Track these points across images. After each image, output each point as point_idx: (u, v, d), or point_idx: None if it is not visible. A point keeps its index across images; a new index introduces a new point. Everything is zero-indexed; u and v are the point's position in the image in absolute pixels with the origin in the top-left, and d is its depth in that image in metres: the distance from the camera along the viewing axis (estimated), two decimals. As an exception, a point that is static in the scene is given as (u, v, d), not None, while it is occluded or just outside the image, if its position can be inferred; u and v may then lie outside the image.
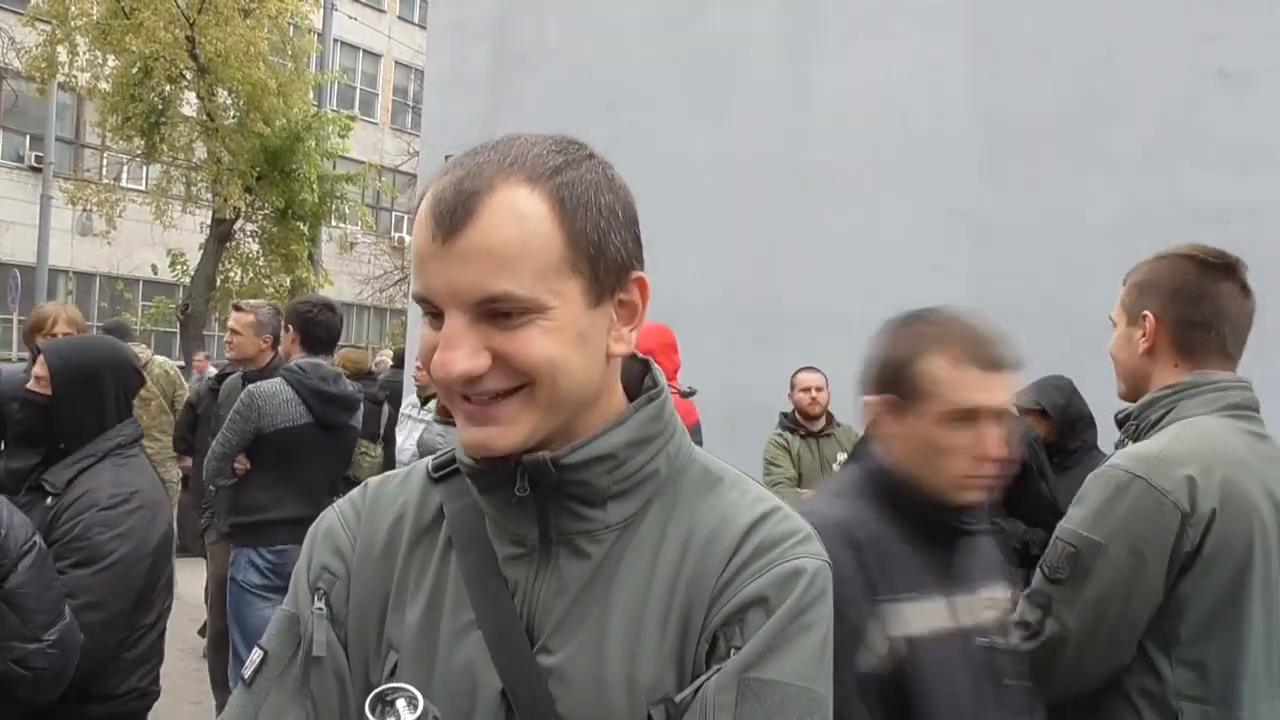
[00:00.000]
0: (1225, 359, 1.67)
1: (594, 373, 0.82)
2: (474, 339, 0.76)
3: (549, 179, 0.77)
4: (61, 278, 18.94)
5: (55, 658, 1.89)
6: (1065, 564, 1.57)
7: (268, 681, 0.89)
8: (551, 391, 0.78)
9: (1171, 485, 1.51)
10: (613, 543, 0.84)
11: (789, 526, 0.83)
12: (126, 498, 2.16)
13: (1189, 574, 1.52)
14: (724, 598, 0.80)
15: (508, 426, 0.79)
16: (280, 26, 13.97)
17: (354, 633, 0.90)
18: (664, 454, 0.87)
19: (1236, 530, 1.52)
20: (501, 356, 0.76)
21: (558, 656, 0.82)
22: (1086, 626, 1.53)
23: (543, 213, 0.76)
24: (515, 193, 0.75)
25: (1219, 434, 1.59)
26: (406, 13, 26.46)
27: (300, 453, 3.58)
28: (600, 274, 0.79)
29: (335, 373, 3.77)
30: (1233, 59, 4.19)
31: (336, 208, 14.94)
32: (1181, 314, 1.65)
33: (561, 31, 6.46)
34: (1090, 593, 1.53)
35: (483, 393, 0.78)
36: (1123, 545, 1.52)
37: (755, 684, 0.77)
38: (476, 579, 0.85)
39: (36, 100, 16.09)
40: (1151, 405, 1.67)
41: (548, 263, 0.76)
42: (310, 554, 0.93)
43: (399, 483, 0.95)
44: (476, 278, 0.75)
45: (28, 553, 1.88)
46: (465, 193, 0.75)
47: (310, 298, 4.05)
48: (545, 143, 0.80)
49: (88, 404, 2.24)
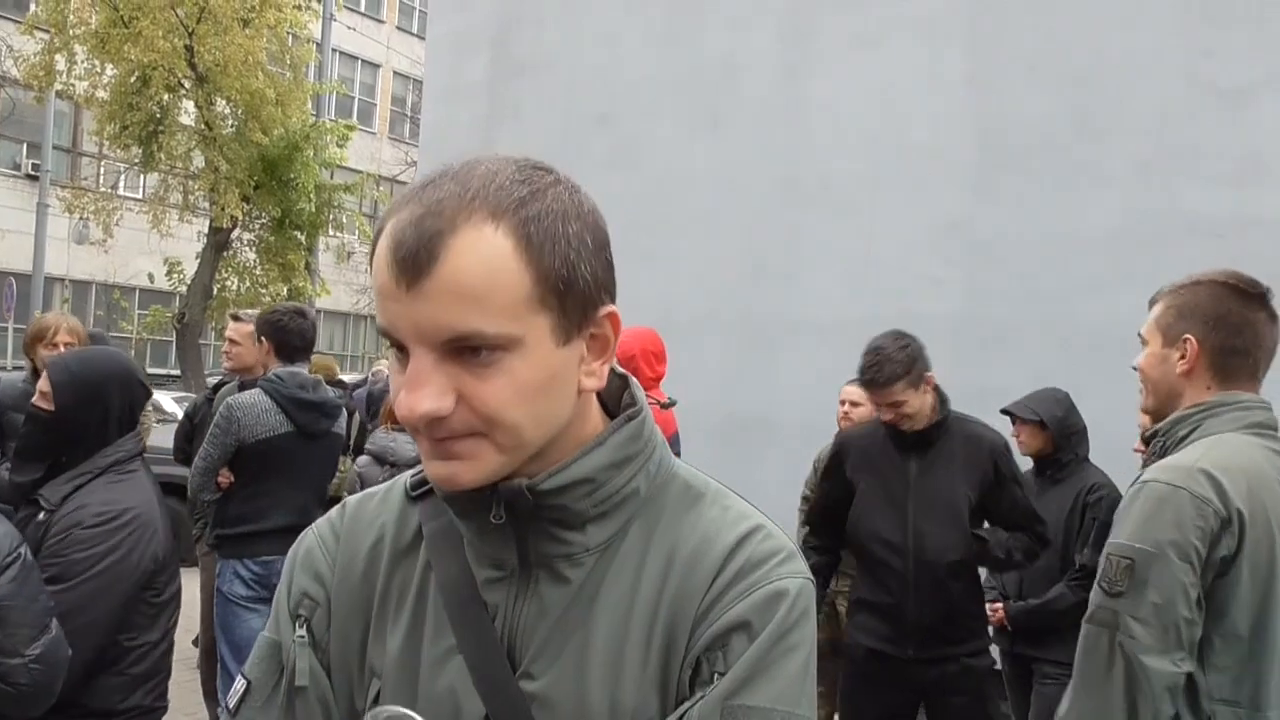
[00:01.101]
0: (1252, 380, 1.77)
1: (562, 409, 0.80)
2: (440, 379, 0.73)
3: (513, 213, 0.73)
4: (58, 286, 18.92)
5: (39, 673, 1.85)
6: (1123, 577, 1.63)
7: (252, 711, 0.88)
8: (515, 437, 0.76)
9: (1210, 493, 1.60)
10: (593, 565, 0.83)
11: (771, 546, 0.82)
12: (114, 516, 2.12)
13: (1225, 579, 1.60)
14: (707, 621, 0.80)
15: (471, 462, 0.77)
16: (279, 36, 14.00)
17: (336, 657, 0.89)
18: (644, 472, 0.85)
19: (1262, 538, 1.61)
20: (466, 398, 0.74)
21: (540, 682, 0.81)
22: (1154, 633, 1.58)
23: (508, 250, 0.73)
24: (479, 231, 0.72)
25: (1244, 449, 1.68)
26: (405, 23, 26.56)
27: (282, 462, 3.55)
28: (569, 308, 0.76)
29: (314, 380, 3.73)
30: (1227, 74, 4.22)
31: (334, 217, 14.95)
32: (1223, 341, 1.75)
33: (559, 43, 6.48)
34: (1152, 600, 1.59)
35: (444, 434, 0.75)
36: (1175, 551, 1.59)
37: (740, 711, 0.77)
38: (456, 603, 0.84)
39: (34, 108, 16.13)
40: (1179, 423, 1.77)
41: (515, 299, 0.73)
42: (290, 579, 0.91)
43: (378, 501, 0.93)
44: (442, 318, 0.72)
45: (11, 564, 1.85)
46: (427, 233, 0.71)
47: (280, 306, 3.97)
48: (508, 170, 0.76)
49: (90, 418, 2.20)
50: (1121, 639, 1.60)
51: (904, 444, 2.92)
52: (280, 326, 3.69)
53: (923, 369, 2.84)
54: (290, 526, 3.57)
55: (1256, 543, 1.60)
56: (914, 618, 2.82)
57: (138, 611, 2.18)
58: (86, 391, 2.21)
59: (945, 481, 2.86)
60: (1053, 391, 3.40)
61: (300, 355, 3.71)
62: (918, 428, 2.89)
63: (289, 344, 3.68)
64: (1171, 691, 1.58)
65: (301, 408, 3.58)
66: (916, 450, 2.90)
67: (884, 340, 2.84)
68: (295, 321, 3.71)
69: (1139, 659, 1.58)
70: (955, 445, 2.89)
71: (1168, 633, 1.57)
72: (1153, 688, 1.56)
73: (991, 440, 2.91)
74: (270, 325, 3.73)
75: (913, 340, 2.86)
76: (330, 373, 6.35)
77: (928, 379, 2.85)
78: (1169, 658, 1.57)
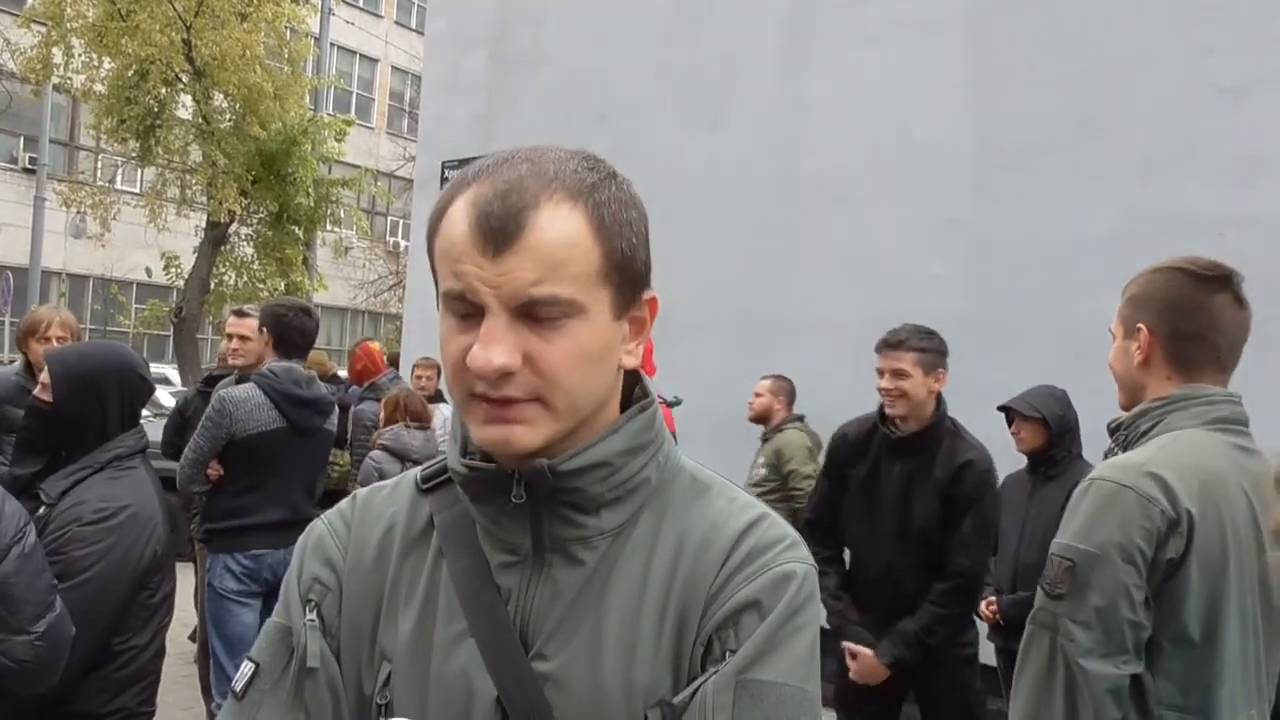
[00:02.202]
0: (1219, 371, 1.69)
1: (609, 382, 0.86)
2: (512, 338, 0.79)
3: (589, 196, 0.81)
4: (54, 280, 18.89)
5: (43, 650, 1.87)
6: (1064, 579, 1.58)
7: (260, 694, 0.89)
8: (569, 400, 0.81)
9: (1158, 493, 1.54)
10: (605, 549, 0.86)
11: (778, 533, 0.86)
12: (112, 513, 2.11)
13: (1173, 581, 1.55)
14: (718, 602, 0.83)
15: (528, 426, 0.81)
16: (277, 31, 13.94)
17: (346, 643, 0.90)
18: (654, 462, 0.89)
19: (1213, 540, 1.55)
20: (531, 358, 0.79)
21: (553, 663, 0.83)
22: (1096, 637, 1.54)
23: (584, 227, 0.80)
24: (560, 209, 0.79)
25: (1203, 446, 1.62)
26: (404, 18, 26.50)
27: (274, 457, 3.54)
28: (625, 286, 0.83)
29: (308, 376, 3.72)
30: (1226, 72, 4.22)
31: (332, 212, 14.90)
32: (1175, 327, 1.67)
33: (558, 39, 6.47)
34: (1093, 602, 1.54)
35: (504, 397, 0.80)
36: (1119, 553, 1.54)
37: (752, 685, 0.79)
38: (468, 587, 0.86)
39: (31, 102, 16.09)
40: (1141, 417, 1.70)
41: (587, 270, 0.80)
42: (300, 565, 0.93)
43: (388, 493, 0.96)
44: (524, 283, 0.78)
45: (18, 541, 1.86)
46: (514, 208, 0.78)
47: (287, 301, 3.97)
48: (575, 159, 0.83)
49: (87, 412, 2.19)
50: (1062, 642, 1.56)
51: (892, 445, 2.94)
52: (284, 322, 3.67)
53: (938, 361, 2.90)
54: (280, 522, 3.57)
55: (1207, 545, 1.54)
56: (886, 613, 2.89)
57: (131, 613, 2.17)
58: (83, 384, 2.20)
59: (921, 501, 2.88)
60: (1050, 389, 3.41)
61: (298, 352, 3.69)
62: (910, 429, 2.90)
63: (289, 340, 3.67)
64: (1115, 694, 1.53)
65: (295, 404, 3.57)
66: (902, 455, 2.92)
67: (912, 325, 2.95)
68: (299, 319, 3.70)
69: (1077, 663, 1.53)
70: (939, 458, 2.88)
71: (1110, 636, 1.53)
72: (1093, 691, 1.52)
73: (978, 465, 2.88)
74: (274, 319, 3.71)
75: (939, 337, 2.94)
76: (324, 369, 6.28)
77: (939, 374, 2.90)
78: (1111, 661, 1.53)
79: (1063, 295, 4.40)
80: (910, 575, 2.88)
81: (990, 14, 4.88)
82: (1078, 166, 4.52)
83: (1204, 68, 4.26)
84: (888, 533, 2.91)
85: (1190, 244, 3.68)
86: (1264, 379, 1.79)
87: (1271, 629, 1.65)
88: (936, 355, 2.90)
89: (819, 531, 3.07)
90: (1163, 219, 4.20)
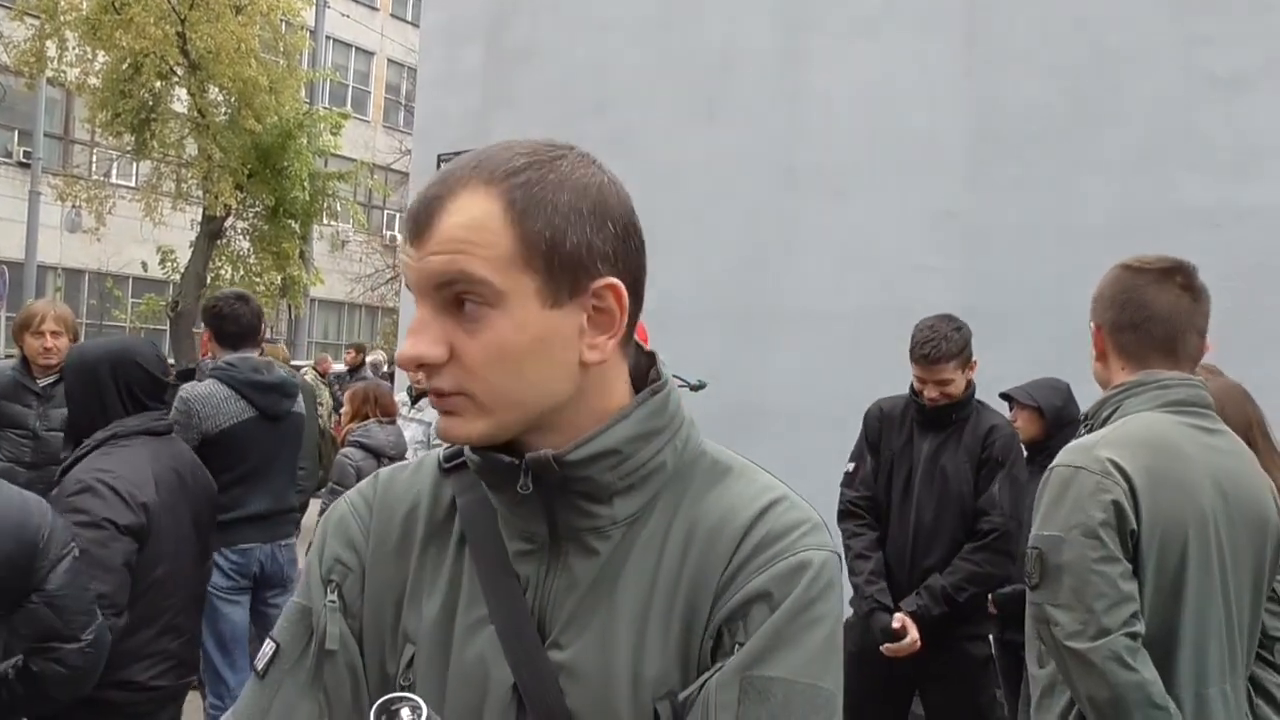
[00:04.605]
0: (1167, 356, 1.75)
1: (557, 377, 0.82)
2: (436, 329, 0.80)
3: (504, 180, 0.80)
4: (50, 274, 18.83)
5: (91, 656, 1.97)
6: (1035, 568, 1.62)
7: (281, 674, 0.89)
8: (495, 395, 0.81)
9: (1108, 468, 1.60)
10: (620, 539, 0.84)
11: (795, 517, 0.83)
12: (89, 485, 2.19)
13: (1136, 553, 1.59)
14: (728, 593, 0.80)
15: (460, 419, 0.82)
16: (272, 23, 13.89)
17: (369, 625, 0.90)
18: (670, 447, 0.86)
19: (1171, 511, 1.59)
20: (456, 353, 0.80)
21: (568, 652, 0.83)
22: (1078, 616, 1.55)
23: (494, 211, 0.79)
24: (472, 194, 0.80)
25: (1155, 426, 1.67)
26: (399, 10, 26.41)
27: (250, 448, 3.49)
28: (556, 271, 0.80)
29: (266, 362, 3.66)
30: (1223, 62, 4.21)
31: (328, 206, 14.87)
32: (1115, 319, 1.77)
33: (555, 31, 6.44)
34: (1068, 584, 1.57)
35: (435, 389, 0.82)
36: (1078, 532, 1.58)
37: (758, 682, 0.76)
38: (489, 575, 0.86)
39: (25, 95, 16.00)
40: (1103, 405, 1.78)
41: (499, 254, 0.79)
42: (322, 546, 0.93)
43: (411, 473, 0.96)
44: (434, 266, 0.79)
45: (65, 556, 1.94)
46: (429, 198, 0.81)
47: (223, 292, 3.90)
48: (520, 146, 0.83)
49: (88, 399, 2.35)
50: (1052, 629, 1.58)
51: (923, 420, 2.98)
52: (216, 313, 3.60)
53: (969, 351, 2.95)
54: (267, 512, 3.55)
55: (1160, 517, 1.58)
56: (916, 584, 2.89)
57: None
58: (83, 374, 2.36)
59: (952, 465, 2.93)
60: (1054, 381, 3.43)
61: (242, 342, 3.60)
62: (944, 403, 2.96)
63: (224, 330, 3.58)
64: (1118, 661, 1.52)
65: (260, 390, 3.51)
66: (934, 429, 2.96)
67: (936, 320, 2.94)
68: (232, 306, 3.61)
69: (1066, 645, 1.56)
70: (968, 429, 2.96)
71: (1092, 611, 1.54)
72: (1095, 665, 1.53)
73: (1003, 428, 3.01)
74: (207, 312, 3.67)
75: (964, 324, 2.96)
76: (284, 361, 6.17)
77: (973, 363, 2.96)
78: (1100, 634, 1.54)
79: (1060, 286, 4.40)
80: (939, 546, 2.89)
81: (987, 5, 4.86)
82: (1074, 157, 4.51)
83: (1201, 58, 4.25)
84: (921, 502, 2.93)
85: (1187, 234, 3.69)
86: (1263, 370, 1.79)
87: (1257, 601, 1.68)
88: (968, 346, 2.94)
89: (861, 510, 3.05)
90: (1160, 209, 4.19)
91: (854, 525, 3.02)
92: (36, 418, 3.67)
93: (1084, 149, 4.49)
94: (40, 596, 1.89)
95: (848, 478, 3.13)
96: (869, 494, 3.05)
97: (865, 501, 3.04)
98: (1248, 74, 4.15)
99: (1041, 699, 1.70)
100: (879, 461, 3.04)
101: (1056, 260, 4.46)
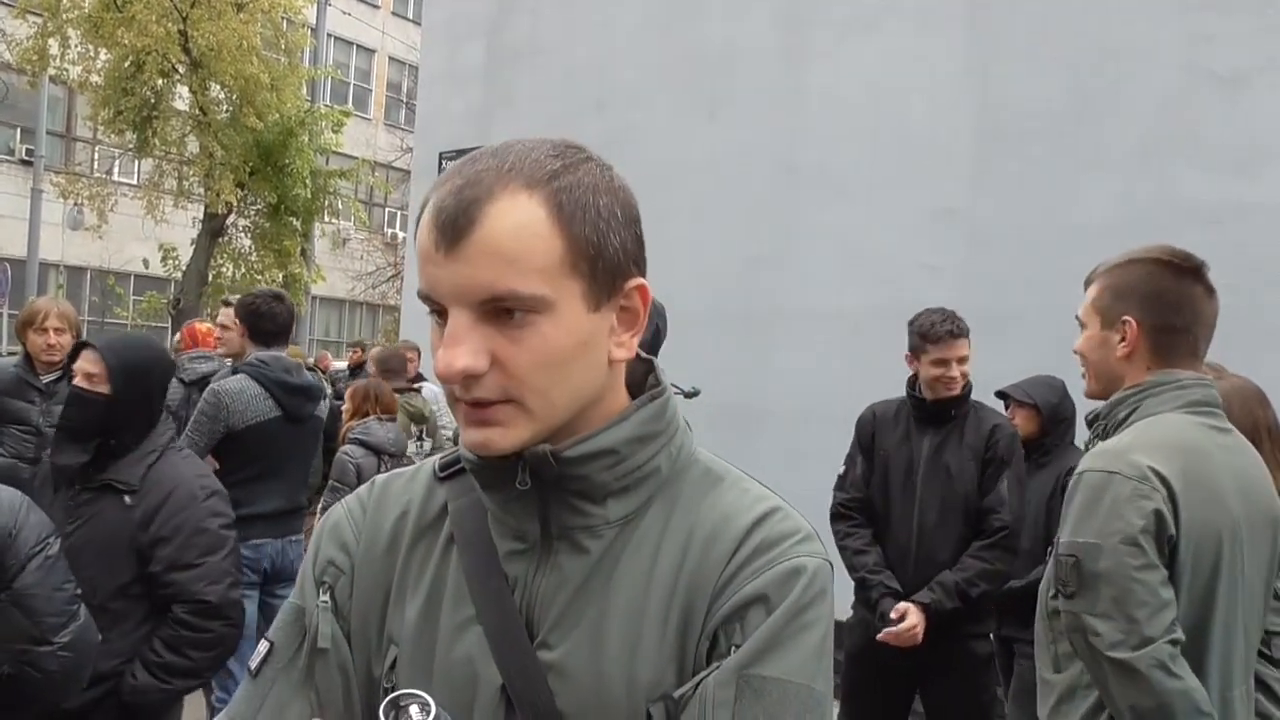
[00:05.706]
0: (1193, 359, 1.73)
1: (593, 377, 0.83)
2: (476, 339, 0.77)
3: (546, 184, 0.78)
4: (52, 272, 18.84)
5: (67, 660, 1.88)
6: (1072, 576, 1.58)
7: (274, 672, 0.90)
8: (544, 400, 0.79)
9: (1144, 475, 1.56)
10: (612, 539, 0.85)
11: (789, 526, 0.84)
12: (212, 490, 2.31)
13: (1174, 559, 1.56)
14: (725, 596, 0.81)
15: (504, 429, 0.80)
16: (274, 21, 13.89)
17: (357, 626, 0.91)
18: (665, 452, 0.87)
19: (1205, 517, 1.57)
20: (500, 361, 0.77)
21: (557, 652, 0.83)
22: (1120, 625, 1.53)
23: (541, 217, 0.77)
24: (515, 199, 0.77)
25: (1180, 428, 1.65)
26: (401, 8, 26.39)
27: (272, 447, 3.52)
28: (599, 275, 0.80)
29: (295, 364, 3.72)
30: (1225, 60, 4.21)
31: (330, 203, 14.87)
32: (1162, 320, 1.70)
33: (556, 29, 6.45)
34: (1107, 593, 1.54)
35: (475, 400, 0.79)
36: (1117, 539, 1.54)
37: (755, 681, 0.78)
38: (477, 575, 0.86)
39: (27, 93, 16.01)
40: (1119, 405, 1.73)
41: (548, 264, 0.77)
42: (317, 548, 0.95)
43: (406, 480, 0.96)
44: (480, 279, 0.76)
45: (38, 553, 1.88)
46: (466, 201, 0.76)
47: (259, 290, 3.96)
48: (543, 147, 0.81)
49: (141, 401, 2.28)
50: (1091, 640, 1.55)
51: (921, 418, 2.98)
52: (254, 310, 3.65)
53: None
54: (280, 511, 3.57)
55: (1196, 520, 1.56)
56: (913, 592, 2.86)
57: None
58: (137, 375, 2.27)
59: (956, 463, 2.93)
60: (1050, 379, 3.44)
61: (275, 340, 3.66)
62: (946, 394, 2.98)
63: (261, 328, 3.64)
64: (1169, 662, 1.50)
65: (289, 392, 3.55)
66: (933, 426, 2.97)
67: (933, 309, 2.99)
68: (269, 305, 3.66)
69: (1108, 655, 1.53)
70: (969, 426, 2.97)
71: (1134, 620, 1.52)
72: (1140, 674, 1.51)
73: (1005, 427, 3.02)
74: (245, 309, 3.71)
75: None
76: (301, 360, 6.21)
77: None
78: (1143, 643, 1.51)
79: (1060, 283, 4.38)
80: (945, 543, 2.89)
81: (989, 2, 4.86)
82: (1076, 155, 4.51)
83: (1202, 55, 4.25)
84: (925, 499, 2.93)
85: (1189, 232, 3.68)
86: (1265, 368, 1.79)
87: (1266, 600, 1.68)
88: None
89: (852, 511, 3.06)
90: (1161, 207, 4.19)
91: (846, 526, 3.03)
92: (40, 414, 3.68)
93: (1085, 147, 4.48)
94: (8, 595, 1.83)
95: (839, 481, 3.16)
96: (860, 496, 3.06)
97: (856, 503, 3.06)
98: (1250, 72, 4.15)
99: (1059, 704, 1.67)
100: (873, 463, 3.05)
101: (1057, 258, 4.45)
